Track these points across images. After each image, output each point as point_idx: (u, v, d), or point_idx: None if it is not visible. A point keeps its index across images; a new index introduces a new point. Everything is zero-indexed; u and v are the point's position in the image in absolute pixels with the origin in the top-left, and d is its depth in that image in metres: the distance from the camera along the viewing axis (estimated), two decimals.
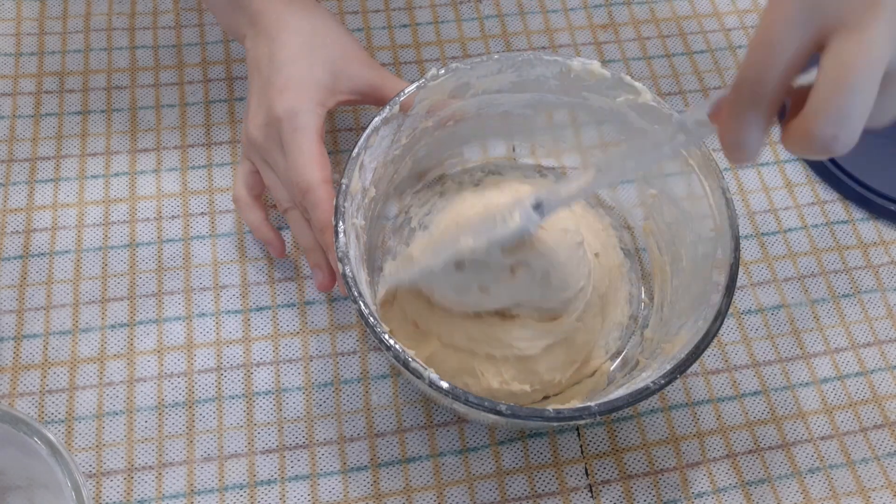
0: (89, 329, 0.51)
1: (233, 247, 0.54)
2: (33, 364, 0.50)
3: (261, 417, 0.49)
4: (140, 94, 0.59)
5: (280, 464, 0.48)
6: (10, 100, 0.58)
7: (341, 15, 0.64)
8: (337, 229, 0.42)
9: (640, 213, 0.53)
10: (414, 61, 0.63)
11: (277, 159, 0.48)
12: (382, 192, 0.50)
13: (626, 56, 0.64)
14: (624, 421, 0.51)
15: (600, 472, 0.49)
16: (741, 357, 0.53)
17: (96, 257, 0.53)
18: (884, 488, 0.50)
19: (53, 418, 0.48)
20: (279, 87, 0.47)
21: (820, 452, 0.51)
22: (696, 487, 0.49)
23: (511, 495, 0.48)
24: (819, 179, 0.60)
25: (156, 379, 0.50)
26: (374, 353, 0.52)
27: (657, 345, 0.47)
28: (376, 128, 0.46)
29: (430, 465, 0.49)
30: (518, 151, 0.56)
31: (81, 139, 0.57)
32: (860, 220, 0.59)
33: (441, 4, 0.65)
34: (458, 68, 0.47)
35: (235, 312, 0.52)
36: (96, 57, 0.61)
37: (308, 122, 0.46)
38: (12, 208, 0.54)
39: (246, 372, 0.50)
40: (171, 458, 0.48)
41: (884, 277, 0.57)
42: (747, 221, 0.58)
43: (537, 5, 0.66)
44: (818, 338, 0.54)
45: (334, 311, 0.53)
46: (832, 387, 0.53)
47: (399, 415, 0.50)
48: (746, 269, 0.56)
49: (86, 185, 0.56)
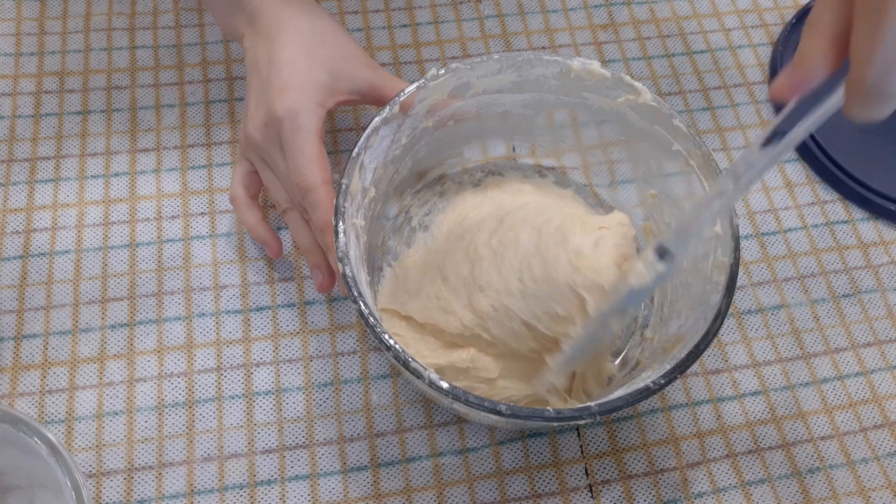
0: (89, 329, 0.51)
1: (233, 247, 0.54)
2: (33, 364, 0.50)
3: (261, 417, 0.49)
4: (140, 94, 0.59)
5: (280, 464, 0.48)
6: (10, 100, 0.58)
7: (341, 15, 0.64)
8: (337, 229, 0.42)
9: (640, 213, 0.53)
10: (414, 61, 0.63)
11: (277, 159, 0.48)
12: (382, 192, 0.50)
13: (626, 56, 0.64)
14: (624, 421, 0.51)
15: (600, 472, 0.49)
16: (741, 357, 0.53)
17: (96, 257, 0.53)
18: (884, 488, 0.50)
19: (53, 418, 0.48)
20: (279, 86, 0.47)
21: (820, 452, 0.51)
22: (696, 487, 0.49)
23: (511, 495, 0.48)
24: (819, 179, 0.60)
25: (156, 379, 0.50)
26: (374, 353, 0.52)
27: (657, 345, 0.47)
28: (376, 128, 0.46)
29: (430, 465, 0.49)
30: (518, 151, 0.56)
31: (81, 139, 0.57)
32: (860, 220, 0.59)
33: (441, 4, 0.65)
34: (458, 68, 0.47)
35: (235, 312, 0.52)
36: (96, 57, 0.61)
37: (308, 122, 0.46)
38: (12, 208, 0.54)
39: (246, 372, 0.50)
40: (171, 458, 0.48)
41: (884, 277, 0.57)
42: (747, 221, 0.58)
43: (537, 5, 0.66)
44: (818, 338, 0.54)
45: (334, 311, 0.53)
46: (832, 387, 0.53)
47: (399, 415, 0.50)
48: (746, 269, 0.56)
49: (86, 185, 0.56)
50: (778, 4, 0.68)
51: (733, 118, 0.62)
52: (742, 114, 0.63)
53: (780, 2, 0.68)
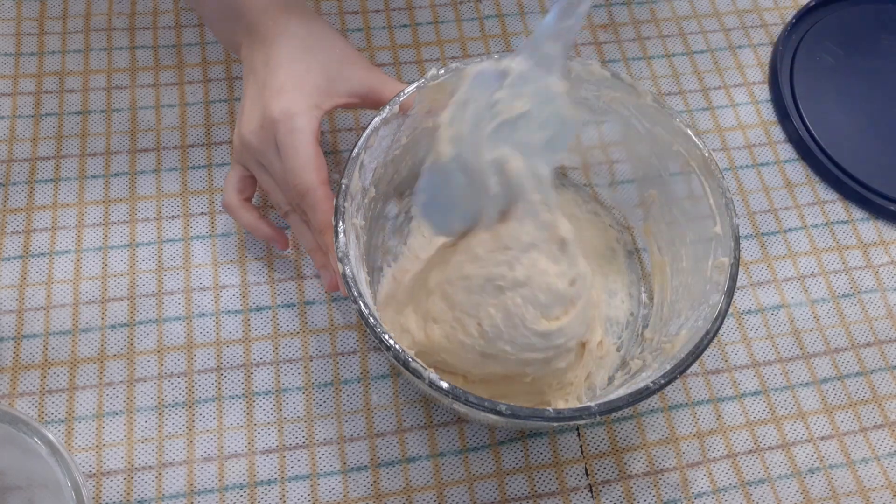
0: (89, 329, 0.51)
1: (233, 247, 0.54)
2: (33, 364, 0.50)
3: (261, 417, 0.49)
4: (140, 94, 0.59)
5: (280, 464, 0.48)
6: (10, 100, 0.58)
7: (341, 15, 0.64)
8: (337, 229, 0.42)
9: (640, 213, 0.53)
10: (414, 61, 0.63)
11: (273, 162, 0.48)
12: (382, 192, 0.50)
13: (626, 56, 0.64)
14: (624, 421, 0.51)
15: (600, 472, 0.49)
16: (741, 357, 0.53)
17: (96, 257, 0.53)
18: (884, 488, 0.50)
19: (53, 418, 0.48)
20: (275, 89, 0.47)
21: (820, 452, 0.51)
22: (696, 487, 0.49)
23: (511, 495, 0.48)
24: (819, 179, 0.60)
25: (156, 379, 0.50)
26: (374, 353, 0.52)
27: (657, 345, 0.47)
28: (376, 128, 0.46)
29: (430, 465, 0.49)
30: None
31: (81, 139, 0.57)
32: (860, 220, 0.59)
33: (441, 4, 0.65)
34: (458, 68, 0.47)
35: (235, 312, 0.52)
36: (96, 57, 0.61)
37: (304, 124, 0.46)
38: (12, 208, 0.54)
39: (246, 372, 0.50)
40: (171, 458, 0.48)
41: (884, 277, 0.57)
42: (747, 221, 0.58)
43: (537, 5, 0.66)
44: (818, 337, 0.54)
45: (334, 311, 0.53)
46: (832, 387, 0.53)
47: (399, 415, 0.50)
48: (746, 269, 0.56)
49: (86, 185, 0.56)
50: (778, 4, 0.68)
51: (733, 118, 0.62)
52: (742, 114, 0.63)
53: (780, 2, 0.68)
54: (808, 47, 0.65)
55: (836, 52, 0.65)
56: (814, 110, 0.62)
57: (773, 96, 0.63)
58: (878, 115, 0.63)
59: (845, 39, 0.66)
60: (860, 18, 0.67)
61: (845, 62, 0.65)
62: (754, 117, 0.63)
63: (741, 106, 0.63)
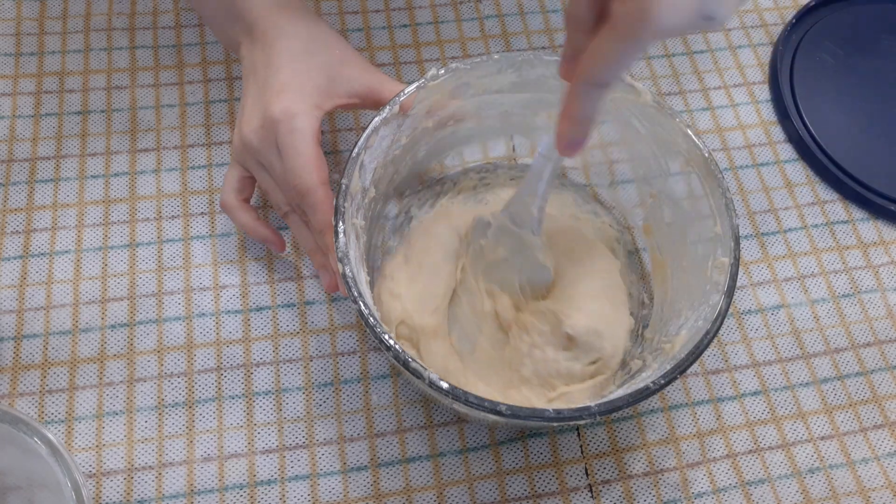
0: (89, 329, 0.51)
1: (233, 247, 0.54)
2: (33, 364, 0.50)
3: (261, 417, 0.49)
4: (140, 94, 0.59)
5: (280, 464, 0.48)
6: (10, 100, 0.58)
7: (341, 15, 0.64)
8: (337, 230, 0.42)
9: (640, 213, 0.53)
10: (414, 61, 0.63)
11: (273, 162, 0.48)
12: (382, 192, 0.50)
13: None
14: (624, 421, 0.51)
15: (600, 472, 0.49)
16: (741, 357, 0.53)
17: (96, 257, 0.53)
18: (884, 488, 0.50)
19: (53, 418, 0.48)
20: (276, 89, 0.47)
21: (820, 452, 0.51)
22: (696, 487, 0.49)
23: (511, 495, 0.48)
24: (819, 179, 0.60)
25: (156, 379, 0.50)
26: (374, 353, 0.52)
27: (657, 345, 0.47)
28: (376, 128, 0.46)
29: (430, 465, 0.49)
30: (518, 151, 0.56)
31: (81, 139, 0.57)
32: (860, 220, 0.59)
33: (441, 4, 0.65)
34: (458, 68, 0.47)
35: (235, 312, 0.52)
36: (96, 57, 0.61)
37: (304, 125, 0.46)
38: (12, 208, 0.54)
39: (246, 372, 0.50)
40: (171, 458, 0.48)
41: (884, 277, 0.57)
42: (747, 221, 0.58)
43: (537, 5, 0.66)
44: (818, 337, 0.54)
45: (334, 311, 0.53)
46: (832, 387, 0.53)
47: (399, 415, 0.50)
48: (746, 269, 0.56)
49: (86, 185, 0.56)
50: (778, 4, 0.68)
51: (733, 118, 0.62)
52: (742, 114, 0.63)
53: (780, 2, 0.68)
54: (808, 47, 0.65)
55: (836, 52, 0.65)
56: (814, 110, 0.62)
57: (773, 96, 0.63)
58: (878, 115, 0.63)
59: (845, 39, 0.66)
60: (860, 18, 0.67)
61: (845, 62, 0.65)
62: (754, 117, 0.63)
63: (741, 106, 0.63)
